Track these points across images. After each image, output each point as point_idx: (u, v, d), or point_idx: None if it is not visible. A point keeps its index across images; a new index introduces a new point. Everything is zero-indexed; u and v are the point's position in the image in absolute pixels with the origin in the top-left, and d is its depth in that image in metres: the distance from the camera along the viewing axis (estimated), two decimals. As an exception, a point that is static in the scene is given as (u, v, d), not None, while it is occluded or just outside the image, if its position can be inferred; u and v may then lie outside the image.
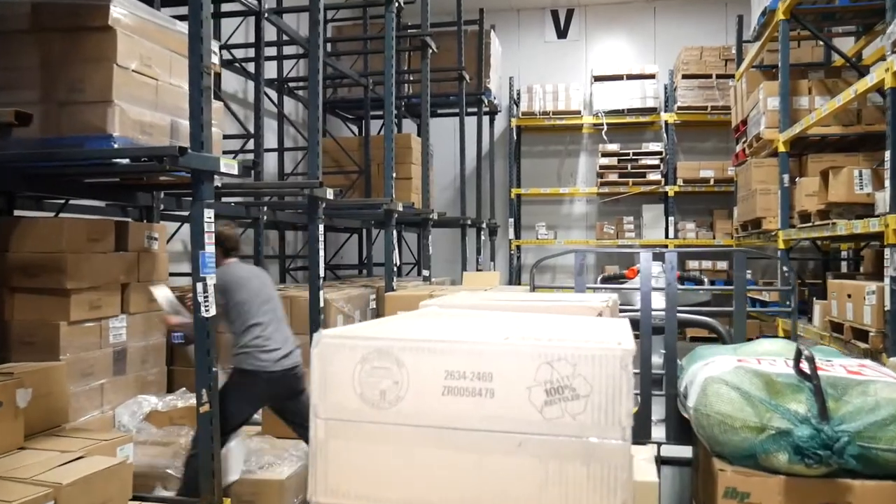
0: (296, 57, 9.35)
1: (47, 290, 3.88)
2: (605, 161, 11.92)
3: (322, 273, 4.73)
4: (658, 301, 3.42)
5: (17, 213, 4.50)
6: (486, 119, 11.57)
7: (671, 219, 11.80)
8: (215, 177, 3.37)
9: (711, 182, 11.55)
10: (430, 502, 1.05)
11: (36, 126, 3.69)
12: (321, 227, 4.71)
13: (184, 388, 4.65)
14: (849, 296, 4.66)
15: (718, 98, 11.44)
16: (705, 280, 8.68)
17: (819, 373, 1.46)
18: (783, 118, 6.47)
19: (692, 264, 11.68)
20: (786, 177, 6.44)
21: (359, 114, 10.60)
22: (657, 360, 3.27)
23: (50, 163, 3.64)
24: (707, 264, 11.61)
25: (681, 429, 2.48)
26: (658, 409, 3.09)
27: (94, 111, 3.60)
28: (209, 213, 3.26)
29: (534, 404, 1.02)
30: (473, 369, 1.02)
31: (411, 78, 10.24)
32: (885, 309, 4.03)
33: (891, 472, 1.39)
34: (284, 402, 3.94)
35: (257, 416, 4.59)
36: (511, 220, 12.38)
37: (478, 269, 10.19)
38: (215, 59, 4.39)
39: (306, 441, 3.84)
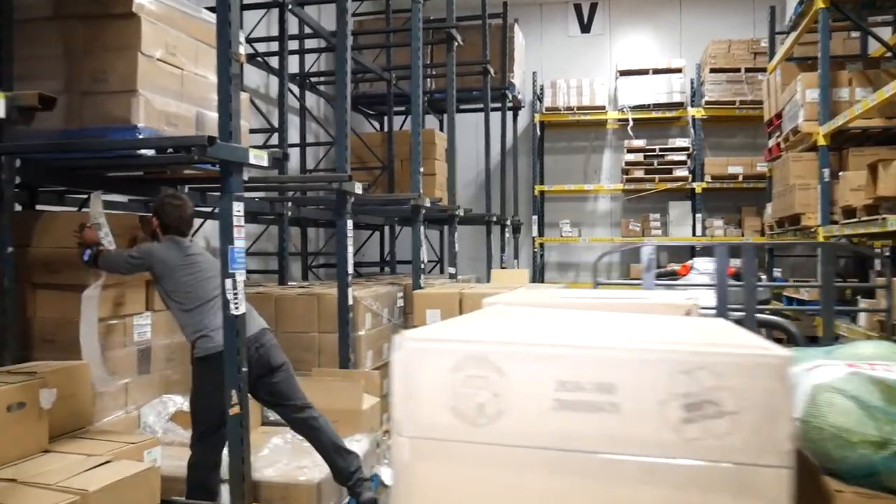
0: (317, 51, 9.22)
1: (70, 287, 3.76)
2: (630, 157, 11.70)
3: (351, 270, 4.59)
4: (709, 300, 3.24)
5: (38, 207, 4.39)
6: (509, 114, 11.39)
7: (699, 216, 11.56)
8: (243, 169, 3.23)
9: (740, 178, 11.30)
10: None
11: (58, 117, 3.58)
12: (350, 223, 4.56)
13: (209, 388, 4.52)
14: (900, 293, 4.44)
15: (747, 92, 11.19)
16: (763, 277, 8.32)
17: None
18: (823, 111, 6.24)
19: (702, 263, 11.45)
20: (826, 171, 6.22)
21: (381, 109, 10.45)
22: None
23: (73, 154, 3.53)
24: (735, 262, 11.35)
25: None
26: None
27: (119, 101, 3.48)
28: (238, 207, 3.12)
29: (668, 422, 0.85)
30: (592, 379, 0.84)
31: (434, 72, 10.09)
32: (945, 308, 3.83)
33: None
34: (257, 380, 3.48)
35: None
36: (534, 218, 12.18)
37: (502, 267, 10.01)
38: (241, 50, 4.26)
39: (293, 426, 3.63)
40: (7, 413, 2.54)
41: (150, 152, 3.43)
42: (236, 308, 3.11)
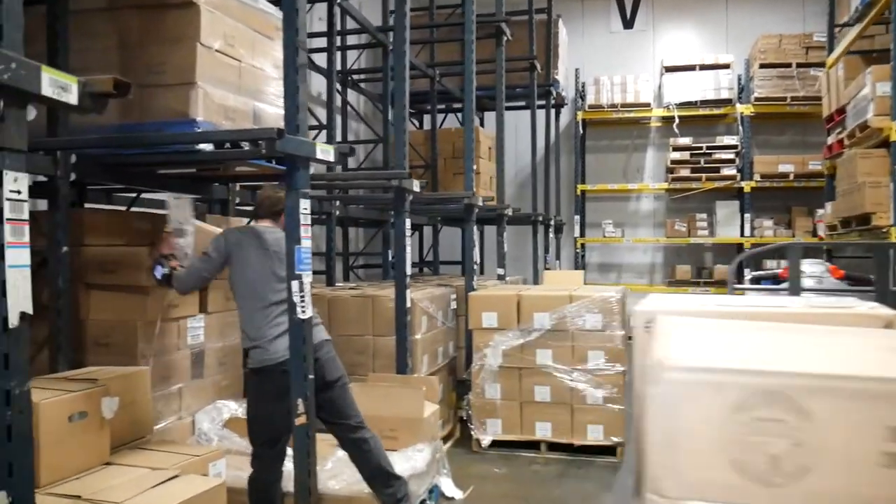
0: (359, 47, 9.06)
1: (125, 288, 3.62)
2: (676, 155, 11.39)
3: (408, 271, 4.40)
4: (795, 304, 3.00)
5: (87, 206, 4.26)
6: (552, 112, 11.14)
7: (747, 216, 11.21)
8: (309, 165, 3.05)
9: (791, 177, 10.94)
10: None
11: (113, 111, 3.43)
12: (408, 222, 4.38)
13: (262, 393, 4.35)
14: None
15: (799, 88, 10.83)
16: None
17: None
18: (895, 105, 5.93)
19: (770, 263, 11.08)
20: (902, 168, 5.91)
21: (421, 107, 10.27)
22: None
23: (130, 150, 3.36)
24: (786, 263, 10.99)
25: None
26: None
27: (176, 94, 3.32)
28: (305, 204, 2.95)
29: None
30: None
31: (476, 69, 9.86)
32: None
33: None
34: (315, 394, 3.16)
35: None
36: (576, 218, 11.92)
37: (546, 268, 9.76)
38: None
39: (343, 445, 3.33)
40: (69, 423, 2.38)
41: (209, 147, 3.27)
42: (303, 311, 2.94)
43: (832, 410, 0.66)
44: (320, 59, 7.14)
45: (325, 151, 3.04)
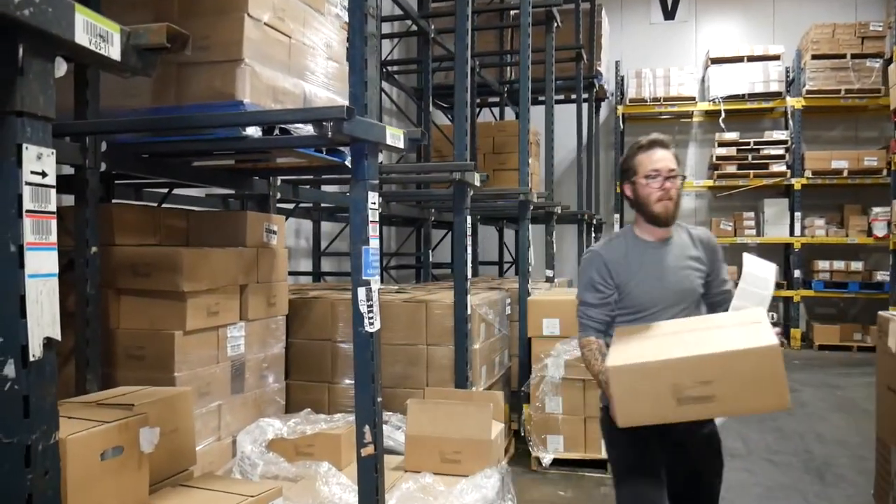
0: (395, 36, 8.62)
1: (160, 293, 3.20)
2: (722, 151, 10.87)
3: (470, 273, 3.96)
4: None
5: (114, 201, 3.85)
6: (593, 105, 10.65)
7: (797, 214, 10.66)
8: (378, 151, 2.61)
9: (844, 174, 10.40)
10: None
11: (146, 92, 3.04)
12: (469, 220, 3.94)
13: (308, 410, 3.94)
14: None
15: (854, 80, 10.28)
16: None
17: None
18: None
19: (822, 264, 10.54)
20: None
21: (453, 101, 9.81)
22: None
23: (170, 137, 2.94)
24: (839, 265, 10.46)
25: None
26: None
27: (221, 72, 2.90)
28: (374, 197, 2.51)
29: None
30: None
31: (514, 60, 9.40)
32: None
33: None
34: (674, 446, 2.39)
35: (396, 443, 3.86)
36: (616, 216, 11.42)
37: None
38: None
39: None
40: (100, 462, 1.96)
41: (258, 133, 2.84)
42: (371, 323, 2.50)
43: None
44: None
45: (395, 137, 2.60)
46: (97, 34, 1.25)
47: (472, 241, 9.51)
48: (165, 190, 4.36)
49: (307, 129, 2.71)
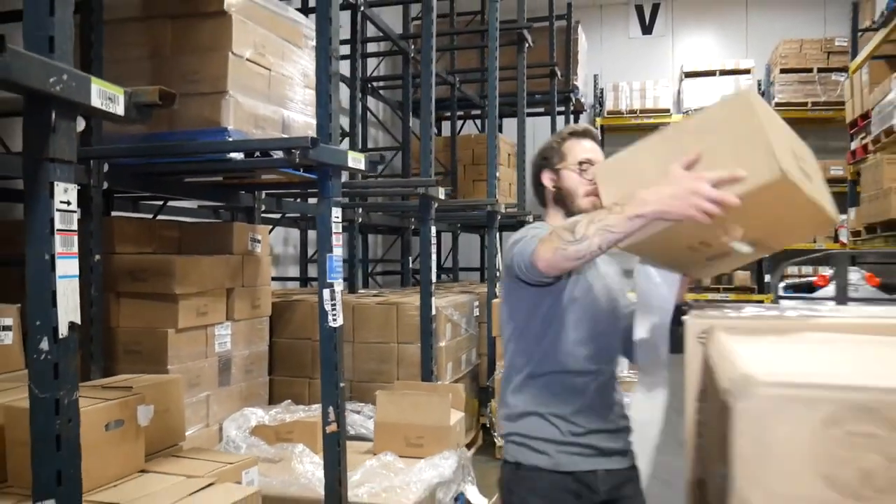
0: (379, 55, 9.08)
1: (155, 296, 3.64)
2: (696, 161, 11.31)
3: (433, 278, 4.40)
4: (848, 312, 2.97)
5: (113, 213, 4.29)
6: (572, 118, 11.13)
7: (767, 222, 11.11)
8: (341, 173, 3.06)
9: (812, 183, 10.84)
10: None
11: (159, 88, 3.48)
12: (433, 229, 4.38)
13: (288, 401, 4.37)
14: None
15: (820, 93, 10.76)
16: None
17: None
18: (922, 110, 5.88)
19: (791, 270, 11.00)
20: (928, 174, 5.85)
21: (440, 114, 10.28)
22: None
23: (162, 159, 3.39)
24: (808, 270, 10.91)
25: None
26: None
27: (208, 103, 3.34)
28: (337, 213, 2.96)
29: None
30: None
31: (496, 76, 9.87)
32: None
33: None
34: None
35: (368, 431, 4.29)
36: (594, 224, 11.85)
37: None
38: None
39: None
40: (105, 431, 2.39)
41: (240, 156, 3.28)
42: (334, 320, 2.94)
43: None
44: (343, 68, 7.17)
45: (356, 160, 3.05)
46: (107, 97, 1.69)
47: (453, 248, 9.98)
48: (161, 202, 4.81)
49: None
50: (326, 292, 2.92)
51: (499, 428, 2.17)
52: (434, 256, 4.40)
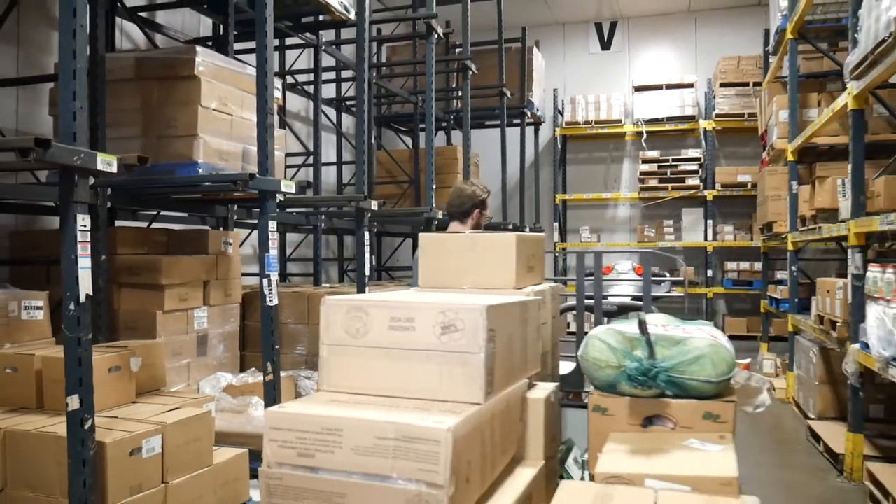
0: (352, 80, 10.28)
1: (147, 286, 4.85)
2: (645, 167, 12.50)
3: (368, 273, 5.58)
4: (627, 289, 4.20)
5: (117, 223, 5.52)
6: (532, 129, 12.33)
7: (710, 222, 12.29)
8: (276, 196, 4.25)
9: (749, 186, 11.98)
10: (381, 388, 1.82)
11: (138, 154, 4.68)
12: (367, 234, 5.56)
13: (253, 369, 5.56)
14: (827, 292, 5.24)
15: (755, 105, 11.88)
16: (666, 274, 10.66)
17: (660, 332, 2.18)
18: (791, 129, 7.01)
19: (731, 265, 12.17)
20: (794, 184, 6.99)
21: (411, 126, 11.48)
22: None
23: (152, 186, 4.60)
24: (745, 266, 12.08)
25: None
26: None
27: (184, 143, 4.54)
28: (272, 225, 4.15)
29: (435, 335, 1.77)
30: (405, 316, 1.78)
31: (459, 94, 11.08)
32: (848, 302, 4.63)
33: (692, 395, 2.11)
34: None
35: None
36: (555, 224, 13.06)
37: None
38: (278, 94, 5.30)
39: None
40: (108, 373, 3.59)
41: (208, 182, 4.49)
42: (271, 300, 4.13)
43: (374, 311, 1.83)
44: (330, 91, 8.39)
45: (288, 186, 4.24)
46: (106, 163, 2.89)
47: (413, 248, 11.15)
48: (154, 213, 6.03)
49: (236, 180, 4.35)
50: (265, 281, 4.12)
51: None
52: (368, 257, 5.56)
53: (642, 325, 2.12)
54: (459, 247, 2.70)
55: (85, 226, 2.80)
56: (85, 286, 2.80)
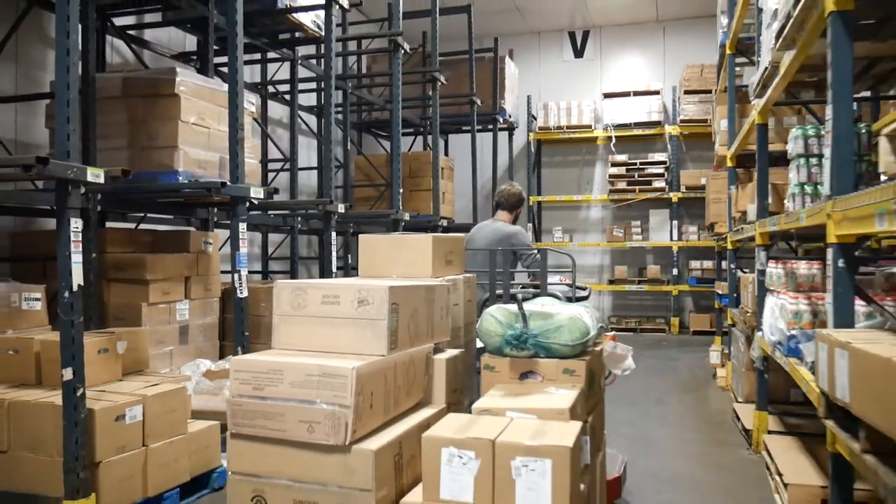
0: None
1: (133, 281, 5.43)
2: (614, 170, 13.11)
3: (335, 269, 6.17)
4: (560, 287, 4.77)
5: (108, 224, 6.10)
6: (506, 134, 12.95)
7: (675, 222, 12.91)
8: (247, 201, 4.84)
9: (711, 189, 12.63)
10: (315, 346, 2.40)
11: (125, 164, 5.26)
12: (334, 235, 6.15)
13: (231, 356, 6.13)
14: (746, 287, 5.85)
15: (717, 112, 12.52)
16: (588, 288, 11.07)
17: (537, 309, 2.78)
18: (730, 137, 7.61)
19: (695, 264, 12.80)
20: (732, 188, 7.59)
21: (389, 132, 12.07)
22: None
23: (136, 192, 5.18)
24: (708, 264, 12.69)
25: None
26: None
27: (165, 153, 5.12)
28: (243, 227, 4.73)
29: (354, 307, 2.38)
30: (332, 294, 2.39)
31: (430, 103, 11.69)
32: (755, 295, 5.24)
33: (556, 355, 2.71)
34: None
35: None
36: (529, 225, 13.66)
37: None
38: (252, 107, 5.89)
39: None
40: (97, 354, 4.17)
41: (187, 189, 5.07)
42: (241, 292, 4.72)
43: (311, 291, 2.43)
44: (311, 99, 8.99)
45: (257, 192, 4.83)
46: (95, 175, 3.47)
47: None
48: (141, 215, 6.60)
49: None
50: (237, 276, 4.71)
51: None
52: (334, 255, 6.16)
53: (518, 303, 2.73)
54: (389, 244, 3.30)
55: (77, 228, 3.39)
56: (77, 278, 3.38)
